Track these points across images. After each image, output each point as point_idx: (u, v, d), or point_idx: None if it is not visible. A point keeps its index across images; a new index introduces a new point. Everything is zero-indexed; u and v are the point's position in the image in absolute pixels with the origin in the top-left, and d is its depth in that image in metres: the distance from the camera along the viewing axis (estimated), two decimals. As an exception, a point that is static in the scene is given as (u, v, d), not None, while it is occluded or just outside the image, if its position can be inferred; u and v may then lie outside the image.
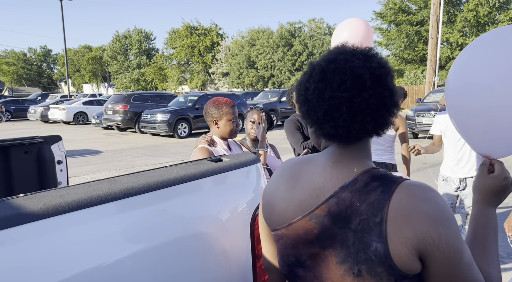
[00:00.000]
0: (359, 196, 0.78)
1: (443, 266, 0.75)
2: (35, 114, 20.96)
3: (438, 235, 0.73)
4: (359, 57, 0.81)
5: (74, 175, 7.08)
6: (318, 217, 0.83)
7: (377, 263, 0.75)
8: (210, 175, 1.18)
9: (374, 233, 0.75)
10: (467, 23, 24.70)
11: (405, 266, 0.75)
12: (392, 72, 0.83)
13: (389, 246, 0.74)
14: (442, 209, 0.76)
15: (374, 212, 0.76)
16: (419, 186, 0.78)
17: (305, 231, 0.85)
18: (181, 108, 13.66)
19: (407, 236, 0.74)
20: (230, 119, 2.14)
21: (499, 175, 0.90)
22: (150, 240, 1.00)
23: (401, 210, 0.75)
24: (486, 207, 0.90)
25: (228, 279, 1.20)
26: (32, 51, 64.01)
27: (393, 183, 0.78)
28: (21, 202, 0.87)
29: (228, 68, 35.51)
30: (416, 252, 0.74)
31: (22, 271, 0.77)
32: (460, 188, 3.28)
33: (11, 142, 2.12)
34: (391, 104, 0.81)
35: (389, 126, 0.84)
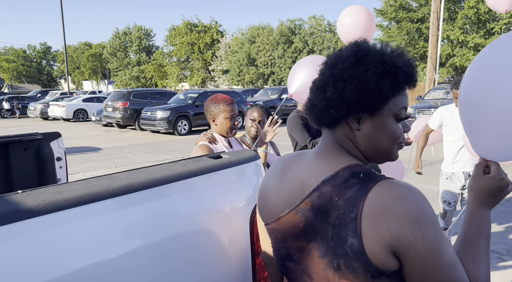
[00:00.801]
0: (338, 191, 0.80)
1: (420, 265, 0.74)
2: (35, 111, 20.96)
3: (413, 234, 0.73)
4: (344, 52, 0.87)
5: (74, 172, 7.08)
6: (303, 210, 0.85)
7: (354, 258, 0.76)
8: (209, 172, 1.18)
9: (349, 228, 0.76)
10: (467, 20, 24.63)
11: (380, 263, 0.75)
12: (338, 67, 0.84)
13: (363, 242, 0.75)
14: (419, 208, 0.74)
15: (350, 208, 0.77)
16: (397, 185, 0.77)
17: (292, 225, 0.87)
18: (181, 106, 13.65)
19: (380, 233, 0.74)
20: (227, 117, 2.12)
21: (495, 175, 0.89)
22: (149, 236, 0.99)
23: (375, 207, 0.75)
24: (480, 207, 0.89)
25: (228, 276, 1.20)
26: (32, 48, 63.89)
27: (372, 180, 0.78)
28: (20, 198, 0.86)
29: (228, 66, 35.46)
30: (390, 250, 0.74)
31: (21, 267, 0.77)
32: (466, 186, 3.21)
33: (10, 139, 2.12)
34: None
35: (338, 121, 0.86)
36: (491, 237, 0.91)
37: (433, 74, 14.89)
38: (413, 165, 3.54)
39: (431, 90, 12.53)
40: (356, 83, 0.81)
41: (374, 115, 0.84)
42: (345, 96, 0.82)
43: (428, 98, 11.90)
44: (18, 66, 59.45)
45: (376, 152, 0.87)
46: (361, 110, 0.83)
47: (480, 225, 0.87)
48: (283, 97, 14.29)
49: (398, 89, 0.83)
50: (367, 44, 0.86)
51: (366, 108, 0.83)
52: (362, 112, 0.84)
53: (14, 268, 0.76)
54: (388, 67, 0.81)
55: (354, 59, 0.82)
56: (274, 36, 32.47)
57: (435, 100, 11.21)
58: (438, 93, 11.75)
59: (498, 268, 3.30)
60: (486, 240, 0.86)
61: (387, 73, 0.81)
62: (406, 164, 4.77)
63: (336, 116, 0.85)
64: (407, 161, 4.22)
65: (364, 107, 0.83)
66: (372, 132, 0.85)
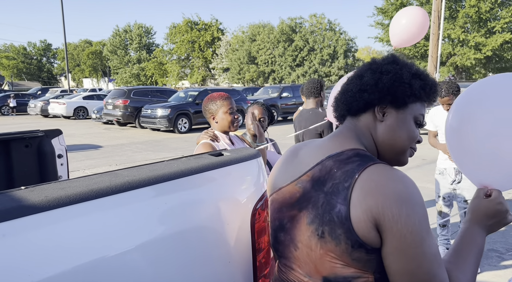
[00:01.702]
0: (339, 164, 0.87)
1: (399, 243, 0.77)
2: (35, 109, 20.95)
3: (399, 211, 0.77)
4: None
5: (74, 170, 7.09)
6: (303, 182, 0.92)
7: (338, 225, 0.81)
8: (210, 169, 1.18)
9: (340, 196, 0.82)
10: (468, 19, 24.58)
11: (362, 233, 0.79)
12: (377, 62, 0.96)
13: (350, 210, 0.80)
14: (410, 192, 0.79)
15: (345, 178, 0.83)
16: (393, 169, 0.84)
17: (290, 195, 0.95)
18: (182, 104, 13.64)
19: (369, 203, 0.79)
20: (226, 111, 2.13)
21: (493, 199, 0.93)
22: (151, 233, 1.00)
23: (370, 181, 0.81)
24: (476, 226, 0.92)
25: (229, 273, 1.20)
26: (32, 46, 63.78)
27: (371, 161, 0.86)
28: (23, 194, 0.87)
29: (229, 64, 35.42)
30: (374, 221, 0.79)
31: (24, 262, 0.77)
32: (456, 181, 3.30)
33: (11, 136, 2.12)
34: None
35: (365, 109, 0.94)
36: (483, 252, 0.92)
37: (434, 73, 14.88)
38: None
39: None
40: (392, 75, 0.90)
41: (399, 110, 0.92)
42: (380, 83, 0.91)
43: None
44: (18, 64, 59.39)
45: (393, 145, 0.93)
46: (390, 102, 0.91)
47: (473, 242, 0.90)
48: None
49: (423, 93, 0.92)
50: (403, 57, 1.02)
51: (396, 100, 0.91)
52: (390, 104, 0.92)
53: (17, 264, 0.77)
54: (420, 72, 0.93)
55: (392, 59, 0.95)
56: (275, 34, 32.42)
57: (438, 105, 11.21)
58: (438, 92, 11.74)
59: (498, 267, 3.31)
60: (476, 255, 0.88)
61: (418, 76, 0.92)
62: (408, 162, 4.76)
63: (367, 101, 0.92)
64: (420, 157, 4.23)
65: (394, 99, 0.91)
66: (394, 124, 0.92)
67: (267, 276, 1.32)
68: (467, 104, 1.03)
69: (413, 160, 7.86)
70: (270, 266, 1.34)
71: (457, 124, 1.03)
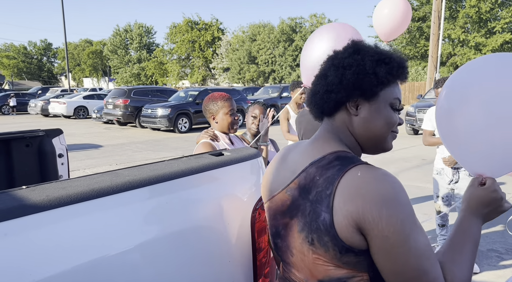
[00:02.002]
0: (321, 171, 0.87)
1: (383, 244, 0.78)
2: (35, 108, 20.95)
3: (379, 214, 0.77)
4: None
5: (75, 169, 7.10)
6: (291, 190, 0.93)
7: (324, 232, 0.82)
8: (211, 169, 1.19)
9: (324, 204, 0.83)
10: (469, 19, 24.58)
11: (346, 238, 0.80)
12: (338, 56, 0.93)
13: (333, 217, 0.81)
14: (391, 192, 0.78)
15: (327, 185, 0.83)
16: (374, 169, 0.83)
17: (281, 203, 0.95)
18: (182, 103, 13.64)
19: (349, 209, 0.79)
20: (227, 112, 2.13)
21: (488, 187, 0.92)
22: (151, 232, 1.00)
23: (349, 186, 0.81)
24: (471, 216, 0.91)
25: (229, 272, 1.21)
26: (32, 45, 63.79)
27: (352, 163, 0.85)
28: (24, 193, 0.87)
29: (229, 63, 35.42)
30: (356, 225, 0.79)
31: (25, 261, 0.78)
32: (453, 181, 3.30)
33: (12, 135, 2.13)
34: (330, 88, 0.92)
35: (338, 108, 0.92)
36: (479, 242, 0.91)
37: (434, 73, 14.88)
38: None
39: (432, 89, 12.52)
40: (355, 69, 0.89)
41: (371, 101, 0.90)
42: (344, 80, 0.89)
43: (429, 97, 11.90)
44: (18, 63, 59.38)
45: (372, 136, 0.92)
46: (359, 95, 0.90)
47: (468, 231, 0.89)
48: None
49: (392, 77, 0.90)
50: (363, 42, 0.96)
51: (364, 92, 0.89)
52: (360, 97, 0.90)
53: (18, 263, 0.77)
54: (383, 56, 0.90)
55: (352, 50, 0.92)
56: (275, 34, 32.42)
57: (436, 99, 11.21)
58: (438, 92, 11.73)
59: (498, 267, 3.32)
60: (472, 246, 0.87)
61: (382, 61, 0.89)
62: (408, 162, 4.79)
63: (336, 100, 0.91)
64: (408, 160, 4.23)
65: (362, 92, 0.89)
66: (368, 116, 0.91)
67: (267, 275, 1.32)
68: (458, 86, 0.99)
69: (413, 159, 7.87)
70: (270, 265, 1.35)
71: (448, 109, 1.00)
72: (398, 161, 7.76)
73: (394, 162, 7.64)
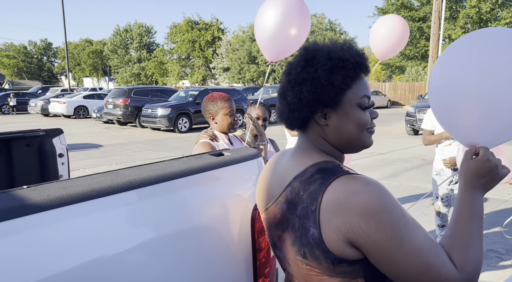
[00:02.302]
0: (304, 186, 0.87)
1: (380, 253, 0.78)
2: (35, 108, 20.95)
3: (367, 225, 0.77)
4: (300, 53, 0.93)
5: (75, 169, 7.10)
6: (280, 203, 0.94)
7: (315, 246, 0.83)
8: (211, 169, 1.19)
9: (311, 220, 0.83)
10: (469, 19, 24.58)
11: (337, 251, 0.81)
12: (292, 72, 0.92)
13: (322, 232, 0.81)
14: (375, 201, 0.78)
15: (311, 201, 0.84)
16: (355, 180, 0.81)
17: (273, 216, 0.97)
18: (182, 103, 13.65)
19: (336, 224, 0.80)
20: (226, 113, 2.14)
21: (481, 157, 0.90)
22: (151, 233, 1.00)
23: (333, 201, 0.80)
24: (469, 190, 0.89)
25: (229, 272, 1.21)
26: (33, 44, 63.80)
27: (333, 176, 0.84)
28: (25, 193, 0.87)
29: (229, 63, 35.41)
30: (346, 239, 0.79)
31: (26, 261, 0.78)
32: (453, 182, 3.30)
33: (13, 135, 2.13)
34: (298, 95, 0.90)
35: (306, 121, 0.91)
36: (483, 214, 0.90)
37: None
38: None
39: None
40: (310, 84, 0.87)
41: (336, 108, 0.89)
42: (303, 98, 0.88)
43: (429, 98, 11.90)
44: (18, 63, 59.37)
45: (346, 141, 0.92)
46: (323, 107, 0.89)
47: (471, 208, 0.87)
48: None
49: (351, 80, 0.88)
50: (315, 46, 0.92)
51: (326, 104, 0.88)
52: (325, 108, 0.89)
53: (19, 262, 0.77)
54: (336, 61, 0.86)
55: (304, 62, 0.90)
56: (275, 34, 32.36)
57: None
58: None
59: (498, 268, 3.32)
60: (477, 222, 0.86)
61: (335, 67, 0.86)
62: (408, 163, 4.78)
63: (301, 118, 0.91)
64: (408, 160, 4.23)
65: (324, 104, 0.88)
66: (338, 123, 0.90)
67: (267, 275, 1.32)
68: (449, 57, 0.98)
69: (413, 160, 7.87)
70: (270, 265, 1.35)
71: (440, 80, 0.99)
72: (398, 161, 7.77)
73: (394, 162, 7.65)
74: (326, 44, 0.92)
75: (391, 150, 9.12)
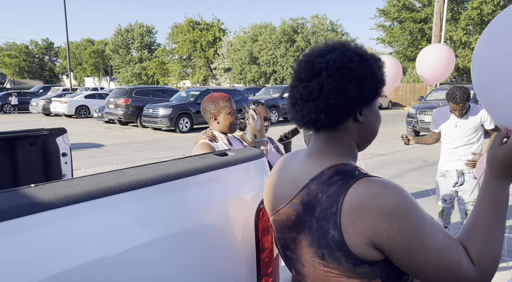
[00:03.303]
0: (322, 187, 0.86)
1: (403, 255, 0.79)
2: (37, 107, 20.98)
3: (391, 227, 0.77)
4: (322, 53, 0.89)
5: (76, 168, 7.10)
6: (295, 205, 0.92)
7: (335, 248, 0.82)
8: (215, 169, 1.20)
9: (331, 222, 0.82)
10: (471, 21, 24.56)
11: (360, 253, 0.80)
12: (348, 67, 0.86)
13: (343, 235, 0.81)
14: (396, 202, 0.78)
15: (331, 203, 0.83)
16: (375, 182, 0.81)
17: (287, 217, 0.95)
18: (183, 103, 13.65)
19: (360, 227, 0.79)
20: (228, 112, 2.15)
21: (509, 144, 0.84)
22: (157, 231, 1.01)
23: (355, 204, 0.80)
24: (494, 179, 0.85)
25: (233, 271, 1.22)
26: (34, 44, 63.86)
27: (352, 178, 0.83)
28: (33, 192, 0.88)
29: (230, 64, 35.44)
30: (370, 242, 0.79)
31: (34, 258, 0.79)
32: (458, 183, 3.30)
33: (17, 134, 2.14)
34: (343, 97, 0.86)
35: (345, 120, 0.89)
36: (508, 204, 0.85)
37: (436, 75, 14.85)
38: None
39: (433, 91, 12.52)
40: (369, 78, 0.87)
41: (370, 104, 0.91)
42: (365, 91, 0.87)
43: (430, 99, 11.89)
44: (20, 62, 59.43)
45: (371, 136, 0.95)
46: (367, 103, 0.90)
47: (494, 198, 0.83)
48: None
49: (384, 78, 0.92)
50: (349, 43, 0.94)
51: (370, 99, 0.90)
52: (366, 105, 0.90)
53: (28, 259, 0.78)
54: (378, 60, 0.91)
55: (358, 57, 0.87)
56: (277, 35, 32.43)
57: (437, 101, 11.20)
58: (440, 94, 11.72)
59: (499, 269, 3.32)
60: (500, 214, 0.82)
61: (381, 66, 0.91)
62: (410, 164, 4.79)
63: (340, 116, 0.88)
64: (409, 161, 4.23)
65: (369, 99, 0.89)
66: (370, 119, 0.92)
67: (270, 274, 1.33)
68: (495, 33, 0.93)
69: (414, 161, 7.87)
70: (273, 265, 1.36)
71: (483, 54, 0.94)
72: (399, 163, 7.77)
73: (395, 164, 7.65)
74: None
75: (392, 151, 9.12)
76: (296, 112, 0.91)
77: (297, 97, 0.90)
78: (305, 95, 0.88)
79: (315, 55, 0.89)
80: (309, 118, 0.89)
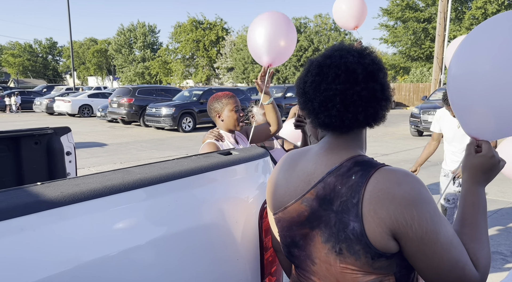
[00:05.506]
0: (342, 180, 0.86)
1: (418, 245, 0.79)
2: (40, 106, 21.09)
3: (411, 216, 0.78)
4: (353, 54, 0.88)
5: (80, 167, 7.14)
6: (308, 200, 0.91)
7: (355, 241, 0.82)
8: (220, 168, 1.20)
9: (351, 213, 0.82)
10: (475, 20, 24.45)
11: (380, 244, 0.80)
12: (384, 69, 0.90)
13: (364, 225, 0.81)
14: (416, 192, 0.80)
15: (352, 194, 0.83)
16: (396, 171, 0.83)
17: (297, 214, 0.94)
18: (186, 103, 13.68)
19: (381, 216, 0.80)
20: (232, 109, 2.16)
21: (486, 153, 0.92)
22: (161, 230, 1.02)
23: (376, 192, 0.81)
24: (474, 185, 0.92)
25: (236, 270, 1.22)
26: (38, 43, 64.14)
27: (372, 168, 0.85)
28: (39, 190, 0.89)
29: (233, 63, 35.45)
30: (390, 232, 0.80)
31: (40, 256, 0.79)
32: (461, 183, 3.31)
33: (22, 133, 2.15)
34: (382, 98, 0.88)
35: (381, 120, 0.91)
36: (487, 207, 0.93)
37: (439, 75, 14.82)
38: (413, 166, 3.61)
39: (437, 91, 12.48)
40: (387, 86, 0.90)
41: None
42: (388, 94, 0.90)
43: (434, 99, 11.85)
44: (24, 61, 59.71)
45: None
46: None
47: (476, 202, 0.90)
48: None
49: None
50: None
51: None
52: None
53: (34, 257, 0.79)
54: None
55: (377, 66, 0.89)
56: (280, 34, 32.35)
57: (440, 100, 11.17)
58: (443, 93, 11.70)
59: (502, 270, 3.31)
60: (483, 216, 0.90)
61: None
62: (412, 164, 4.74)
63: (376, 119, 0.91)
64: (411, 161, 4.22)
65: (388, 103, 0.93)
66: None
67: (273, 274, 1.33)
68: (471, 45, 0.97)
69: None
70: (277, 264, 1.36)
71: (456, 70, 0.98)
72: (402, 162, 7.75)
73: (398, 163, 7.63)
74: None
75: (395, 151, 9.10)
76: (318, 115, 0.90)
77: (322, 100, 0.87)
78: (340, 100, 0.85)
79: (342, 56, 0.88)
80: (366, 117, 0.88)
